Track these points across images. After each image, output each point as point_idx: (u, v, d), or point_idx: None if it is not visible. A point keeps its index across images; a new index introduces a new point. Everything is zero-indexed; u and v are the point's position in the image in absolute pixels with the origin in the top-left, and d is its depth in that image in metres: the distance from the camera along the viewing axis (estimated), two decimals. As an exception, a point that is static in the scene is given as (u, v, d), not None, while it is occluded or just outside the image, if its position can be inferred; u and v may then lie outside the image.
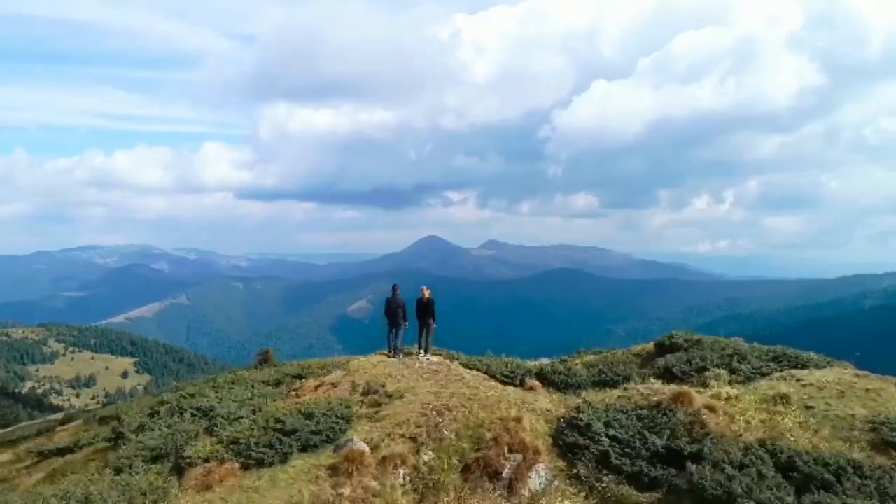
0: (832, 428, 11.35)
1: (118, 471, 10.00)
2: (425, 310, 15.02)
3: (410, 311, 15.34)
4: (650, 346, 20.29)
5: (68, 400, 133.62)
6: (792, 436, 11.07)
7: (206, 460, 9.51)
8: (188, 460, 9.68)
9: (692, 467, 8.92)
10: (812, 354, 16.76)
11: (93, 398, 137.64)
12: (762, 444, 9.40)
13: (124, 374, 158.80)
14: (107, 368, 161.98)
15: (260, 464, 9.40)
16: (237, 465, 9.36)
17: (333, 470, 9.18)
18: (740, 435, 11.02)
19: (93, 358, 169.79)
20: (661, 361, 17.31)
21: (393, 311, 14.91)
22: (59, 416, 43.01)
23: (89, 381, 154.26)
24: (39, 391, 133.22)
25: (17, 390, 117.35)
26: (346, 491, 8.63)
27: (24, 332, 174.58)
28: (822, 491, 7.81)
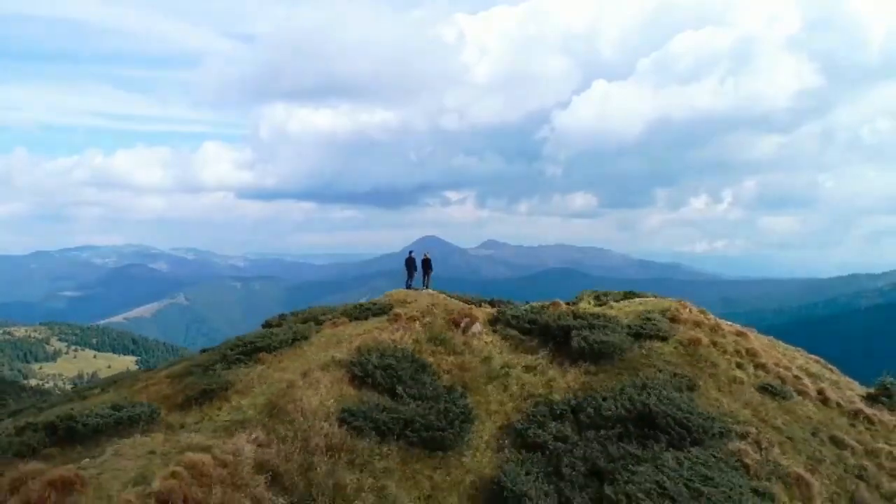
0: (624, 314, 23.63)
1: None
2: (427, 265, 27.38)
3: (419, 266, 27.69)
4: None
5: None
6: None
7: (331, 319, 21.75)
8: (321, 320, 21.91)
9: (538, 317, 21.26)
10: (647, 292, 29.10)
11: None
12: (573, 312, 21.69)
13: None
14: (109, 367, 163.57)
15: (357, 319, 21.73)
16: (347, 319, 21.62)
17: (388, 321, 21.45)
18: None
19: (95, 356, 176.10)
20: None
21: (408, 265, 27.22)
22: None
23: (92, 380, 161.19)
24: (45, 388, 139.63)
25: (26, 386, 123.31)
26: (394, 327, 20.89)
27: (26, 330, 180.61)
28: (587, 323, 20.06)
